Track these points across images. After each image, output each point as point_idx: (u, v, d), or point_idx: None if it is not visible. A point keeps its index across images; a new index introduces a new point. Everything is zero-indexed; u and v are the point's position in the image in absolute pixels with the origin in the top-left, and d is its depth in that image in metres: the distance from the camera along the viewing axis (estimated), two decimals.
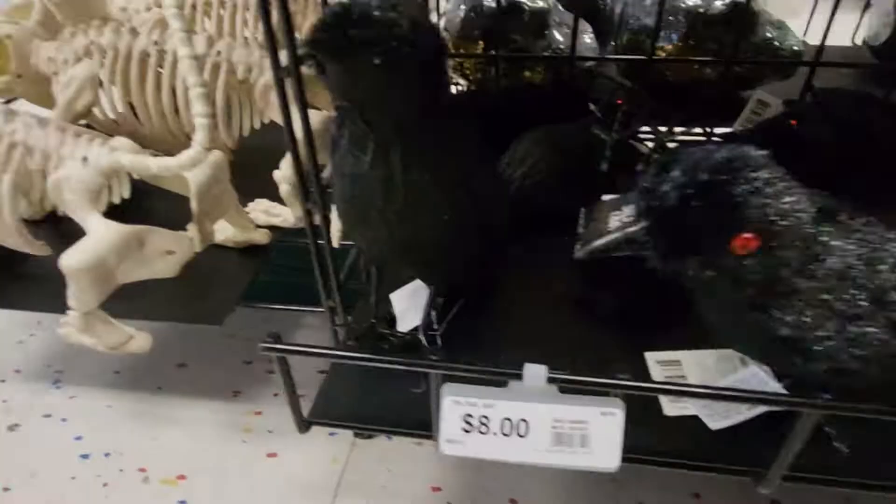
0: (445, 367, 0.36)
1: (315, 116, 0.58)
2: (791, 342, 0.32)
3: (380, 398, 0.47)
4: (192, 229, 0.54)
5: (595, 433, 0.36)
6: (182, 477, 0.66)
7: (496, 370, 0.35)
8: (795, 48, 0.89)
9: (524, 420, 0.36)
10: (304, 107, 0.42)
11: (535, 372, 0.35)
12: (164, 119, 0.70)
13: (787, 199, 0.28)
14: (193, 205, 0.54)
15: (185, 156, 0.47)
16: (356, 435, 0.69)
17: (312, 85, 0.45)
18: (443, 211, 0.40)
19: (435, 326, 0.52)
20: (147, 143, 0.68)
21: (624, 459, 0.42)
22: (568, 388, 0.36)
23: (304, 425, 0.44)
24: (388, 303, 0.57)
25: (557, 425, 0.36)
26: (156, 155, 0.52)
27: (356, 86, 0.34)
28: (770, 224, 0.28)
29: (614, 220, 0.44)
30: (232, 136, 0.72)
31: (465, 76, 0.95)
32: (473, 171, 0.42)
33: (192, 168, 0.48)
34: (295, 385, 0.42)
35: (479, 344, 0.53)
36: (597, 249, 0.32)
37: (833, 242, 0.31)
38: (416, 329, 0.50)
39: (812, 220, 0.29)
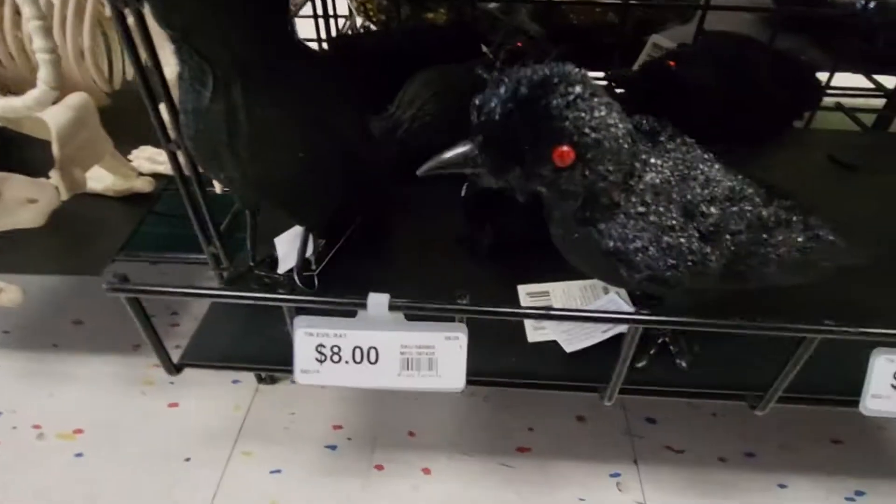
0: (295, 301, 0.37)
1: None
2: (616, 254, 0.34)
3: (254, 338, 0.48)
4: (55, 176, 0.52)
5: (441, 357, 0.38)
6: (79, 431, 0.65)
7: (342, 301, 0.36)
8: None
9: (374, 347, 0.38)
10: (147, 39, 0.40)
11: (378, 300, 0.36)
12: (13, 60, 0.65)
13: (603, 113, 0.29)
14: (55, 150, 0.51)
15: (29, 96, 0.44)
16: (259, 380, 0.69)
17: None
18: (296, 149, 0.40)
19: (313, 267, 0.52)
20: (14, 86, 0.64)
21: (477, 382, 0.45)
22: (412, 315, 0.37)
23: (173, 368, 0.44)
24: (274, 246, 0.57)
25: (405, 351, 0.38)
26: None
27: (177, 14, 0.33)
28: (584, 136, 0.29)
29: None
30: (105, 78, 0.68)
31: (368, 17, 0.92)
32: (334, 112, 0.42)
33: (40, 109, 0.46)
34: (154, 327, 0.42)
35: (358, 283, 0.54)
36: (435, 167, 0.32)
37: (651, 160, 0.32)
38: (291, 270, 0.50)
39: (630, 138, 0.31)
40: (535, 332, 0.48)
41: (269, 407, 0.68)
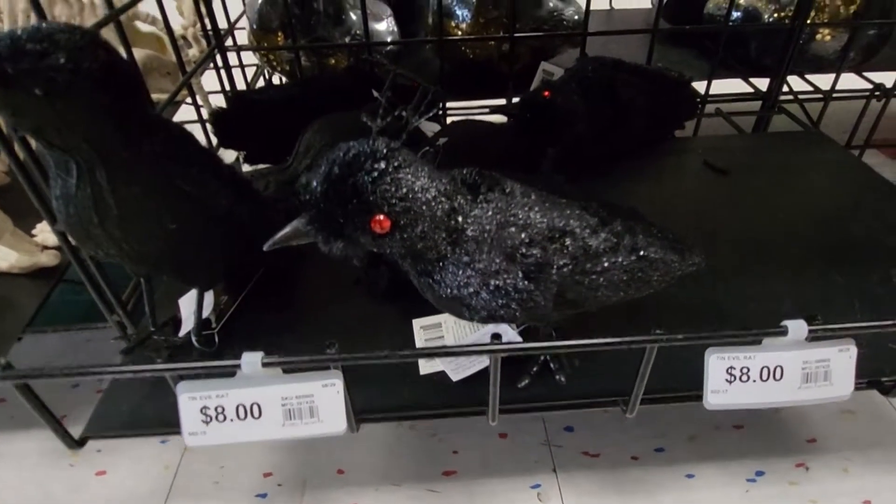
0: (172, 370, 0.39)
1: None
2: (455, 299, 0.37)
3: (156, 402, 0.50)
4: None
5: (321, 403, 0.40)
6: None
7: (218, 364, 0.39)
8: (576, 18, 0.97)
9: (256, 403, 0.40)
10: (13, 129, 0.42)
11: (251, 360, 0.38)
12: None
13: (410, 182, 0.33)
14: None
15: None
16: None
17: None
18: (166, 221, 0.42)
19: (213, 325, 0.54)
20: None
21: (369, 420, 0.48)
22: (287, 369, 0.40)
23: (74, 444, 0.45)
24: (178, 307, 0.58)
25: (286, 402, 0.40)
26: None
27: (26, 119, 0.35)
28: (393, 206, 0.32)
29: None
30: (2, 158, 0.69)
31: (272, 67, 0.95)
32: (202, 179, 0.45)
33: None
34: (48, 409, 0.43)
35: (261, 332, 0.56)
36: (277, 242, 0.35)
37: (472, 212, 0.36)
38: (189, 332, 0.52)
39: (445, 197, 0.35)
40: (427, 364, 0.51)
41: (198, 463, 0.69)
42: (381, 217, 0.33)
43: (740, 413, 0.71)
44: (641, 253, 0.41)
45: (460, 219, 0.36)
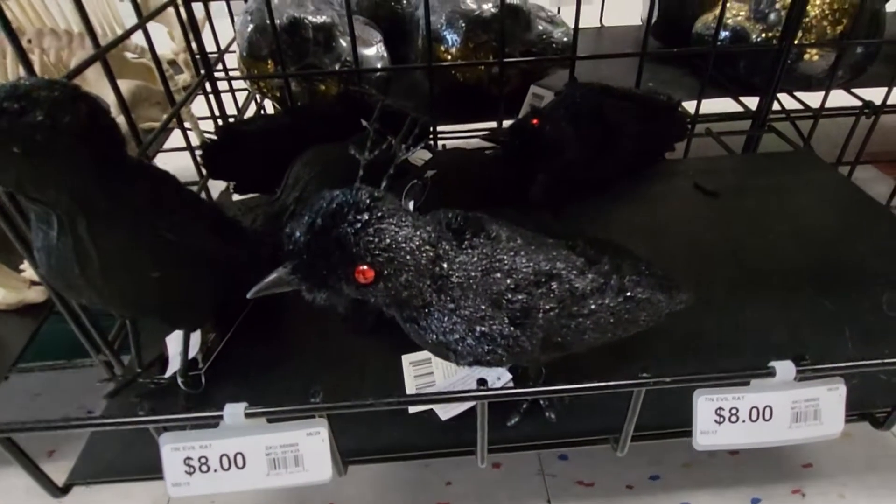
0: (154, 422, 0.38)
1: None
2: (442, 345, 0.37)
3: (141, 447, 0.49)
4: None
5: (306, 452, 0.40)
6: None
7: (199, 415, 0.38)
8: (565, 39, 0.98)
9: (240, 453, 0.40)
10: None
11: (234, 411, 0.38)
12: None
13: (394, 232, 0.33)
14: None
15: None
16: None
17: None
18: (149, 269, 0.42)
19: (200, 366, 0.54)
20: None
21: (356, 462, 0.47)
22: (271, 418, 0.39)
23: (58, 491, 0.45)
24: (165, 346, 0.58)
25: (270, 451, 0.40)
26: None
27: (5, 175, 0.35)
28: (376, 256, 0.32)
29: None
30: None
31: (263, 95, 0.95)
32: (185, 223, 0.44)
33: None
34: (29, 458, 0.42)
35: (248, 372, 0.56)
36: (261, 290, 0.35)
37: (457, 259, 0.36)
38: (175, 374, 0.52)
39: (429, 245, 0.34)
40: None
41: (188, 499, 0.68)
42: (365, 268, 0.33)
43: None
44: (628, 293, 0.41)
45: (445, 265, 0.36)
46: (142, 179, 0.42)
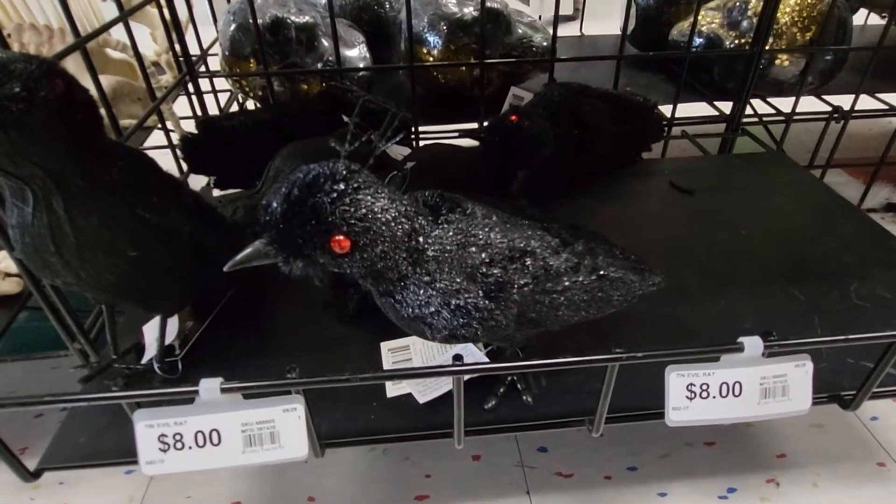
0: (127, 397, 0.38)
1: None
2: (416, 318, 0.38)
3: (115, 431, 0.49)
4: None
5: (282, 429, 0.40)
6: None
7: (175, 391, 0.38)
8: (545, 44, 1.00)
9: (215, 430, 0.39)
10: None
11: (210, 385, 0.38)
12: None
13: (369, 203, 0.33)
14: None
15: None
16: None
17: None
18: (126, 249, 0.42)
19: (177, 352, 0.53)
20: None
21: (333, 444, 0.47)
22: (247, 394, 0.39)
23: (29, 476, 0.44)
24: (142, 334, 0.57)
25: (246, 428, 0.40)
26: None
27: None
28: (352, 226, 0.33)
29: None
30: None
31: (245, 94, 0.96)
32: (163, 206, 0.44)
33: None
34: (2, 441, 0.42)
35: (227, 357, 0.55)
36: (237, 263, 0.35)
37: (433, 233, 0.37)
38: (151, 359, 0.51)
39: (405, 218, 0.35)
40: (394, 387, 0.51)
41: (164, 493, 0.67)
42: (341, 237, 0.33)
43: (712, 429, 0.72)
44: (602, 272, 0.41)
45: (421, 239, 0.36)
46: (121, 159, 0.42)
